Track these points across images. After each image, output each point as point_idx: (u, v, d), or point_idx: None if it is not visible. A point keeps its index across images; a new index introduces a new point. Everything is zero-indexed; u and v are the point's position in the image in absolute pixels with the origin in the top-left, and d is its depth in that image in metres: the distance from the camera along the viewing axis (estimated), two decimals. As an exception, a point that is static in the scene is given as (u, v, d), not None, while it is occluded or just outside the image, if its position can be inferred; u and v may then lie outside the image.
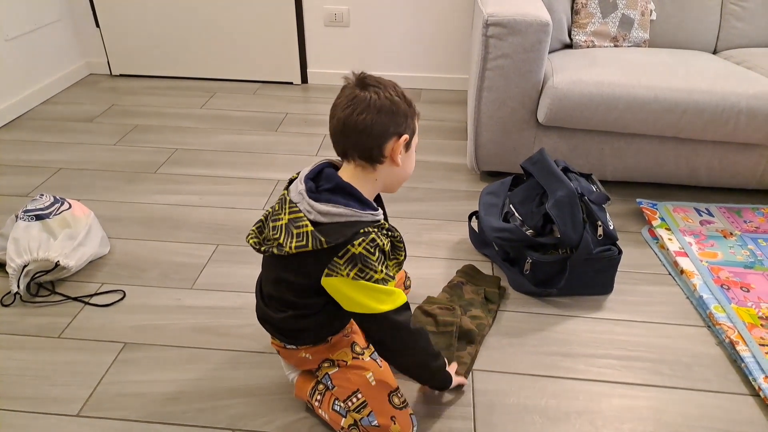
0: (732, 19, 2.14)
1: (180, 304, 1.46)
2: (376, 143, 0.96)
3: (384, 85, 0.96)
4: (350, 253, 0.93)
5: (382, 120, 0.94)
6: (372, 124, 0.94)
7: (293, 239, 0.95)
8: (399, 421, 1.06)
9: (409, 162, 1.04)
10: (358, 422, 1.06)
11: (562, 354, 1.33)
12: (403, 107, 0.96)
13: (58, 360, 1.29)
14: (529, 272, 1.47)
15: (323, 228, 0.94)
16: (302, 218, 0.95)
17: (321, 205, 0.95)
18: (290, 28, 2.82)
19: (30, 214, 1.52)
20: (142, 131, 2.41)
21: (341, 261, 0.93)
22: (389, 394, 1.09)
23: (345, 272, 0.94)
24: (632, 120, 1.75)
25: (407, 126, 0.98)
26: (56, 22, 2.75)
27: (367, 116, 0.94)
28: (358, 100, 0.94)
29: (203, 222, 1.80)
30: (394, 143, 0.97)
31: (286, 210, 0.98)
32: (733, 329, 1.36)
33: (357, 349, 1.15)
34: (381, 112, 0.94)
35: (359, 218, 0.95)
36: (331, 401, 1.12)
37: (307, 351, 1.13)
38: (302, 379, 1.19)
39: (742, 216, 1.82)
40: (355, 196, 0.98)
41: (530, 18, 1.68)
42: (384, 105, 0.94)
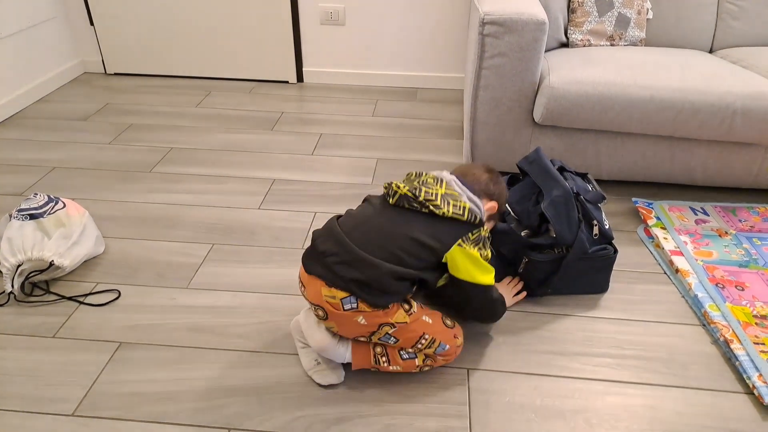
0: (728, 18, 2.15)
1: (175, 303, 1.46)
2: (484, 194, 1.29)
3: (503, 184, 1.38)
4: (479, 233, 1.18)
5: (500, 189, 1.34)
6: (489, 181, 1.32)
7: (451, 207, 1.16)
8: (457, 333, 1.25)
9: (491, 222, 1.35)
10: (431, 355, 1.22)
11: (558, 352, 1.34)
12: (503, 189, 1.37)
13: (53, 360, 1.29)
14: (524, 271, 1.47)
15: (473, 212, 1.17)
16: (458, 197, 1.19)
17: (472, 195, 1.22)
18: (286, 27, 2.81)
19: (24, 213, 1.52)
20: (136, 130, 2.40)
21: (472, 237, 1.16)
22: (443, 321, 1.24)
23: (471, 246, 1.16)
24: (628, 119, 1.75)
25: (503, 200, 1.36)
26: (50, 20, 2.73)
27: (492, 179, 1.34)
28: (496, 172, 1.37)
29: (198, 221, 1.79)
30: (493, 205, 1.30)
31: (443, 186, 1.21)
32: (728, 328, 1.36)
33: (406, 307, 1.19)
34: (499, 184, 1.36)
35: (483, 215, 1.22)
36: (397, 353, 1.21)
37: (365, 316, 1.12)
38: (358, 352, 1.22)
39: (737, 215, 1.83)
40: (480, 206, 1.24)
41: (526, 16, 1.68)
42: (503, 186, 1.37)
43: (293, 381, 1.24)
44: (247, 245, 1.68)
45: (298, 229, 1.76)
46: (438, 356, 1.22)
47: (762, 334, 1.34)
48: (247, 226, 1.77)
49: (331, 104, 2.72)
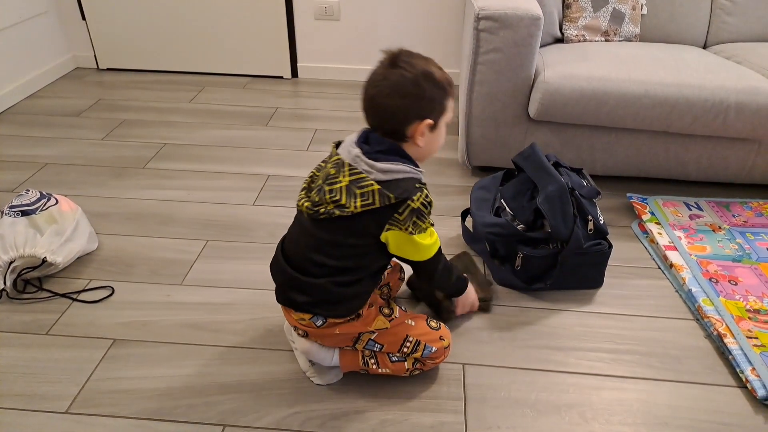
0: (722, 14, 2.15)
1: (170, 300, 1.45)
2: (399, 126, 1.03)
3: (415, 65, 1.00)
4: (409, 208, 1.01)
5: (405, 104, 1.00)
6: (395, 108, 1.01)
7: (357, 198, 1.00)
8: (444, 335, 1.21)
9: (434, 140, 1.09)
10: (419, 358, 1.19)
11: (553, 347, 1.34)
12: (431, 91, 1.01)
13: (46, 357, 1.28)
14: (521, 267, 1.47)
15: (386, 185, 1.00)
16: (365, 178, 1.00)
17: (381, 164, 1.01)
18: (280, 22, 2.79)
19: (16, 209, 1.50)
20: (129, 126, 2.38)
21: (401, 216, 1.01)
22: (426, 323, 1.21)
23: (404, 227, 1.03)
24: (623, 115, 1.75)
25: (434, 109, 1.03)
26: (42, 15, 2.71)
27: (391, 100, 1.00)
28: (385, 82, 1.00)
29: (192, 217, 1.78)
30: (416, 126, 1.02)
31: (345, 173, 1.02)
32: (721, 322, 1.37)
33: (386, 312, 1.19)
34: (406, 96, 1.00)
35: (414, 175, 1.03)
36: (386, 358, 1.19)
37: (341, 328, 1.13)
38: (345, 357, 1.21)
39: (730, 210, 1.84)
40: (407, 156, 1.06)
41: (521, 12, 1.67)
42: (409, 89, 0.99)
43: (288, 377, 1.24)
44: (242, 241, 1.68)
45: (293, 225, 1.75)
46: (427, 360, 1.20)
47: (755, 328, 1.35)
48: (242, 223, 1.76)
49: (325, 100, 2.71)
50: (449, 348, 1.22)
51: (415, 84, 0.99)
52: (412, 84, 0.99)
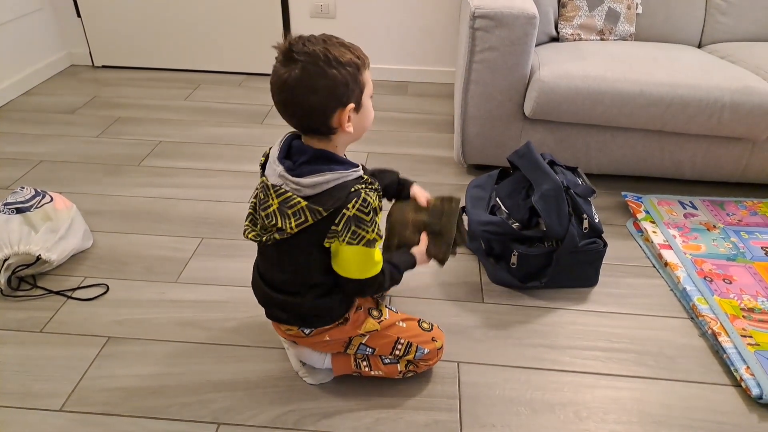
0: (717, 14, 2.16)
1: (164, 298, 1.45)
2: (322, 122, 0.94)
3: (313, 53, 0.89)
4: (345, 217, 0.95)
5: (320, 98, 0.91)
6: (311, 106, 0.92)
7: (290, 219, 0.95)
8: (436, 336, 1.20)
9: (364, 119, 1.01)
10: (412, 360, 1.18)
11: (547, 346, 1.34)
12: (342, 75, 0.90)
13: (40, 354, 1.27)
14: (516, 265, 1.47)
15: (316, 199, 0.94)
16: (292, 197, 0.94)
17: (306, 179, 0.94)
18: (275, 20, 2.79)
19: (10, 206, 1.50)
20: (124, 123, 2.37)
21: (339, 227, 0.96)
22: (419, 324, 1.20)
23: (341, 237, 0.96)
24: (618, 114, 1.76)
25: (351, 91, 0.93)
26: (36, 12, 2.69)
27: (304, 99, 0.91)
28: (290, 83, 0.90)
29: (187, 215, 1.78)
30: (339, 115, 0.94)
31: (272, 196, 0.97)
32: (716, 321, 1.37)
33: (375, 314, 1.17)
34: (317, 90, 0.90)
35: (345, 178, 0.96)
36: (378, 360, 1.19)
37: (330, 334, 1.12)
38: (338, 359, 1.20)
39: (725, 209, 1.84)
40: (334, 160, 0.98)
41: (517, 10, 1.67)
42: (318, 82, 0.90)
43: (282, 375, 1.24)
44: (236, 239, 1.67)
45: (289, 223, 1.75)
46: (420, 362, 1.19)
47: (749, 327, 1.35)
48: (237, 220, 1.76)
49: (321, 98, 2.70)
50: (442, 349, 1.21)
51: (321, 75, 0.89)
52: (318, 75, 0.89)
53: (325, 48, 0.90)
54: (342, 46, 0.93)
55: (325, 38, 0.93)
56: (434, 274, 1.55)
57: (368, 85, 0.98)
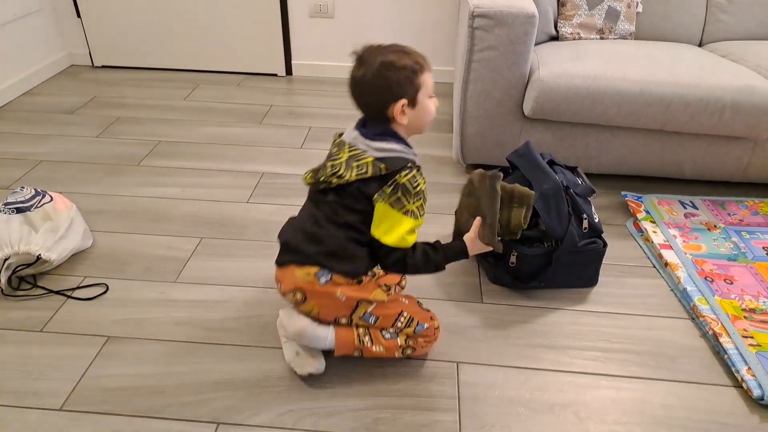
0: (717, 12, 2.15)
1: (164, 297, 1.45)
2: (381, 112, 1.16)
3: (373, 61, 1.13)
4: (395, 183, 1.12)
5: (378, 96, 1.15)
6: (371, 102, 1.17)
7: (354, 170, 1.13)
8: (434, 317, 1.28)
9: (420, 114, 1.18)
10: (411, 335, 1.24)
11: (547, 346, 1.34)
12: (395, 77, 1.13)
13: (40, 354, 1.28)
14: (515, 265, 1.47)
15: (384, 162, 1.13)
16: (362, 154, 1.15)
17: (377, 143, 1.15)
18: (275, 20, 2.79)
19: (10, 206, 1.50)
20: (124, 123, 2.37)
21: (388, 189, 1.13)
22: (418, 304, 1.29)
23: (387, 199, 1.13)
24: (618, 113, 1.75)
25: (404, 91, 1.14)
26: (37, 12, 2.69)
27: (367, 97, 1.17)
28: (358, 82, 1.15)
29: (187, 215, 1.78)
30: (393, 107, 1.14)
31: (345, 150, 1.17)
32: (717, 321, 1.37)
33: (385, 287, 1.32)
34: (375, 90, 1.14)
35: (406, 155, 1.16)
36: (379, 334, 1.24)
37: (343, 290, 1.16)
38: (341, 335, 1.22)
39: (726, 208, 1.84)
40: (401, 139, 1.18)
41: (516, 10, 1.67)
42: (376, 83, 1.13)
43: (282, 375, 1.24)
44: (235, 239, 1.67)
45: (288, 223, 1.75)
46: (418, 337, 1.24)
47: (750, 328, 1.35)
48: (236, 220, 1.76)
49: (320, 97, 2.71)
50: (439, 329, 1.28)
51: (378, 77, 1.13)
52: (375, 78, 1.13)
53: (384, 55, 1.14)
54: (402, 53, 1.16)
55: (387, 47, 1.16)
56: (434, 275, 1.55)
57: (424, 87, 1.17)
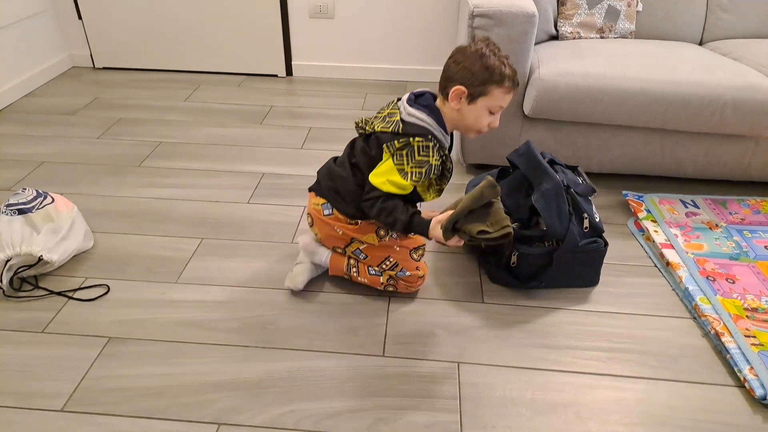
0: (718, 11, 2.15)
1: (165, 298, 1.45)
2: (445, 83, 1.27)
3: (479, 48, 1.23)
4: (407, 141, 1.24)
5: (458, 69, 1.24)
6: (447, 68, 1.27)
7: (382, 123, 1.29)
8: (421, 267, 1.43)
9: (468, 113, 1.27)
10: (394, 276, 1.41)
11: (548, 346, 1.34)
12: (476, 68, 1.22)
13: (41, 355, 1.28)
14: (516, 265, 1.47)
15: (406, 124, 1.26)
16: (396, 114, 1.28)
17: (411, 108, 1.27)
18: (275, 21, 2.79)
19: (12, 208, 1.50)
20: (125, 124, 2.38)
21: (399, 144, 1.24)
22: (410, 252, 1.42)
23: (393, 150, 1.25)
24: (618, 112, 1.75)
25: (472, 82, 1.23)
26: (39, 14, 2.70)
27: (453, 60, 1.27)
28: (456, 49, 1.28)
29: (188, 215, 1.78)
30: (453, 88, 1.24)
31: (390, 106, 1.33)
32: (719, 321, 1.37)
33: (381, 233, 1.41)
34: (461, 63, 1.24)
35: (431, 128, 1.26)
36: (366, 268, 1.43)
37: (340, 226, 1.39)
38: (335, 259, 1.47)
39: (727, 207, 1.83)
40: (437, 116, 1.28)
41: (516, 9, 1.67)
42: (468, 60, 1.23)
43: (282, 376, 1.24)
44: (236, 239, 1.67)
45: (288, 223, 1.75)
46: (400, 280, 1.40)
47: (753, 327, 1.34)
48: (237, 221, 1.76)
49: (320, 98, 2.71)
50: (423, 279, 1.43)
51: (465, 56, 1.23)
52: (465, 56, 1.24)
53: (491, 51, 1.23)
54: (501, 62, 1.23)
55: (504, 53, 1.25)
56: (433, 274, 1.55)
57: (492, 98, 1.24)
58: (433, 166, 1.25)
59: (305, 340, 1.33)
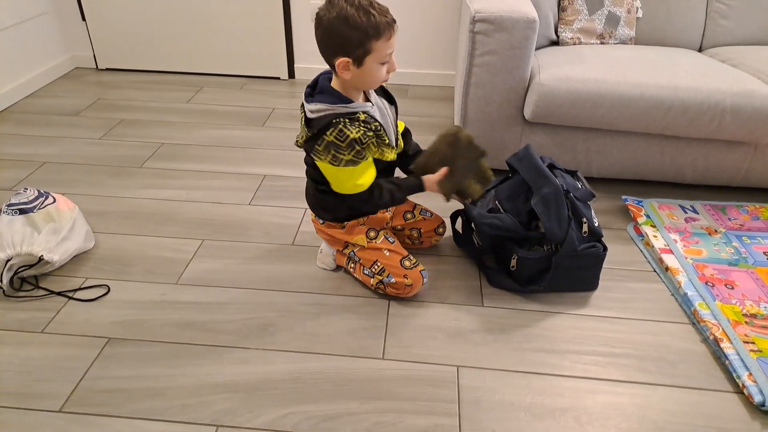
0: (717, 17, 2.16)
1: (165, 299, 1.45)
2: (327, 59, 1.22)
3: (336, 7, 1.13)
4: (325, 142, 1.23)
5: (324, 42, 1.19)
6: (319, 44, 1.20)
7: (301, 132, 1.29)
8: (410, 276, 1.40)
9: (365, 75, 1.22)
10: (381, 281, 1.42)
11: (547, 350, 1.34)
12: (345, 33, 1.14)
13: (40, 355, 1.28)
14: (516, 269, 1.47)
15: (310, 122, 1.25)
16: (303, 116, 1.28)
17: (311, 104, 1.24)
18: (277, 23, 2.80)
19: (14, 207, 1.51)
20: (127, 125, 2.38)
21: (320, 148, 1.24)
22: (401, 260, 1.42)
23: (324, 158, 1.25)
24: (618, 117, 1.76)
25: (350, 50, 1.16)
26: (42, 15, 2.71)
27: (317, 37, 1.19)
28: (316, 22, 1.18)
29: (189, 217, 1.78)
30: (336, 62, 1.19)
31: (301, 112, 1.30)
32: (718, 326, 1.37)
33: (371, 234, 1.45)
34: (323, 36, 1.18)
35: (333, 111, 1.23)
36: (361, 269, 1.47)
37: (333, 232, 1.46)
38: (338, 257, 1.55)
39: (726, 213, 1.84)
40: (332, 95, 1.25)
41: (517, 14, 1.68)
42: (327, 32, 1.16)
43: (282, 378, 1.24)
44: (237, 241, 1.68)
45: (289, 225, 1.75)
46: (387, 285, 1.41)
47: (752, 333, 1.35)
48: (238, 222, 1.76)
49: (323, 101, 2.71)
50: (412, 287, 1.41)
51: (331, 27, 1.14)
52: (329, 27, 1.15)
53: (349, 6, 1.13)
54: (365, 11, 1.12)
55: (361, 1, 1.14)
56: (433, 278, 1.55)
57: (378, 52, 1.17)
58: (359, 139, 1.22)
59: (305, 342, 1.33)
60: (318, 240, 1.62)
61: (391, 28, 1.17)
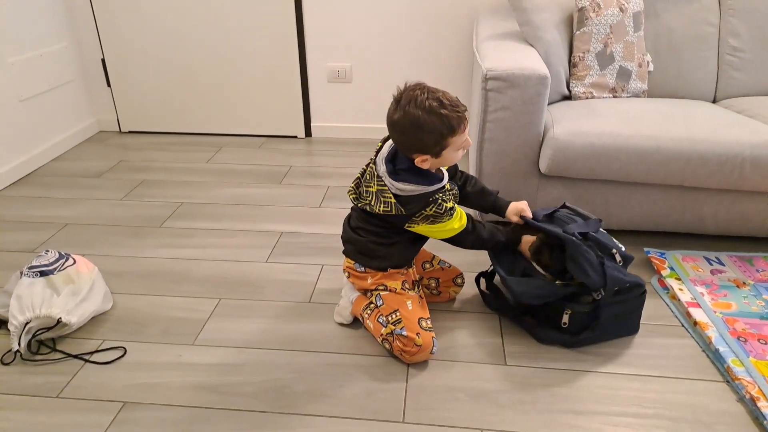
0: (730, 70, 2.17)
1: (181, 360, 1.43)
2: (406, 152, 1.32)
3: (409, 112, 1.23)
4: (424, 215, 1.33)
5: (403, 140, 1.29)
6: (398, 142, 1.31)
7: (381, 204, 1.34)
8: (423, 337, 1.37)
9: (443, 162, 1.33)
10: (393, 332, 1.39)
11: (575, 412, 1.28)
12: (434, 137, 1.24)
13: (55, 421, 1.26)
14: (568, 324, 1.45)
15: (401, 199, 1.31)
16: (387, 191, 1.32)
17: (399, 183, 1.31)
18: (295, 85, 2.89)
19: (34, 270, 1.52)
20: (149, 186, 2.43)
21: (418, 219, 1.34)
22: (419, 319, 1.41)
23: (420, 224, 1.35)
24: (635, 170, 1.75)
25: (427, 150, 1.27)
26: (70, 83, 2.83)
27: (395, 135, 1.30)
28: (390, 125, 1.29)
29: (206, 275, 1.79)
30: (418, 158, 1.29)
31: (375, 182, 1.35)
32: (753, 384, 1.31)
33: (407, 286, 1.48)
34: (402, 138, 1.29)
35: (427, 190, 1.31)
36: (376, 316, 1.45)
37: (372, 276, 1.48)
38: (358, 301, 1.53)
39: (753, 265, 1.79)
40: (423, 175, 1.33)
41: (528, 71, 1.71)
42: (406, 132, 1.26)
43: (300, 443, 1.20)
44: (254, 299, 1.66)
45: (306, 282, 1.74)
46: (396, 339, 1.38)
47: (789, 390, 1.28)
48: (255, 280, 1.76)
49: (338, 158, 2.75)
50: (421, 350, 1.37)
51: (406, 130, 1.25)
52: (406, 127, 1.25)
53: (420, 108, 1.22)
54: (435, 113, 1.22)
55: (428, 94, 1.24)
56: (453, 335, 1.51)
57: (454, 145, 1.28)
58: (451, 205, 1.36)
59: (322, 405, 1.30)
60: (335, 296, 1.60)
61: (465, 121, 1.26)
